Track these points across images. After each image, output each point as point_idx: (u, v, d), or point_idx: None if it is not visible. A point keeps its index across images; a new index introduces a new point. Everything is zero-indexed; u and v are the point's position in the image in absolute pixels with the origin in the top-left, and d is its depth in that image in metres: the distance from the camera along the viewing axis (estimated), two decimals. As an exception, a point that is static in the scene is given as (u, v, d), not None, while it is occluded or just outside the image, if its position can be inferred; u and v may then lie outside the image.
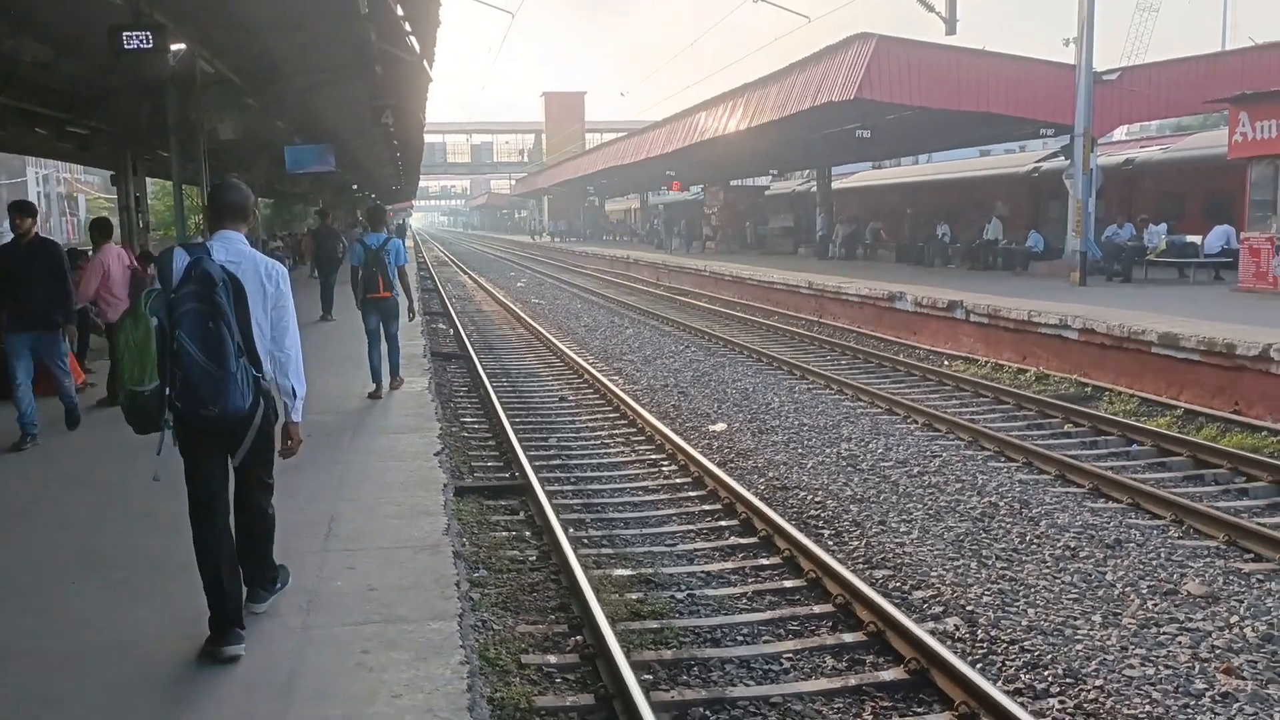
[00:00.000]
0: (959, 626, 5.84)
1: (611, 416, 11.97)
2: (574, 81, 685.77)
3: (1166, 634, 5.71)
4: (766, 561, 6.99)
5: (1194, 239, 21.55)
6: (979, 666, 5.27)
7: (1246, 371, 11.46)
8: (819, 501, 8.39)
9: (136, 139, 18.42)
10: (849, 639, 5.66)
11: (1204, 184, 24.26)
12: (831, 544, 7.35)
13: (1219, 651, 5.47)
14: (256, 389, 4.35)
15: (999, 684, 5.05)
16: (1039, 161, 29.23)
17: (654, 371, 15.29)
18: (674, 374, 15.00)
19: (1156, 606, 6.10)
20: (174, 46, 12.23)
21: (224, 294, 4.20)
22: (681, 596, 6.33)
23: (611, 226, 75.61)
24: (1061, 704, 4.93)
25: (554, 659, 5.38)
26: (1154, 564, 6.80)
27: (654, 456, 10.00)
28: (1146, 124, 36.51)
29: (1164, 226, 22.55)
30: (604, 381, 13.61)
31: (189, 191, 22.11)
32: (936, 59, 22.83)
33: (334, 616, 4.79)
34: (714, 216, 47.34)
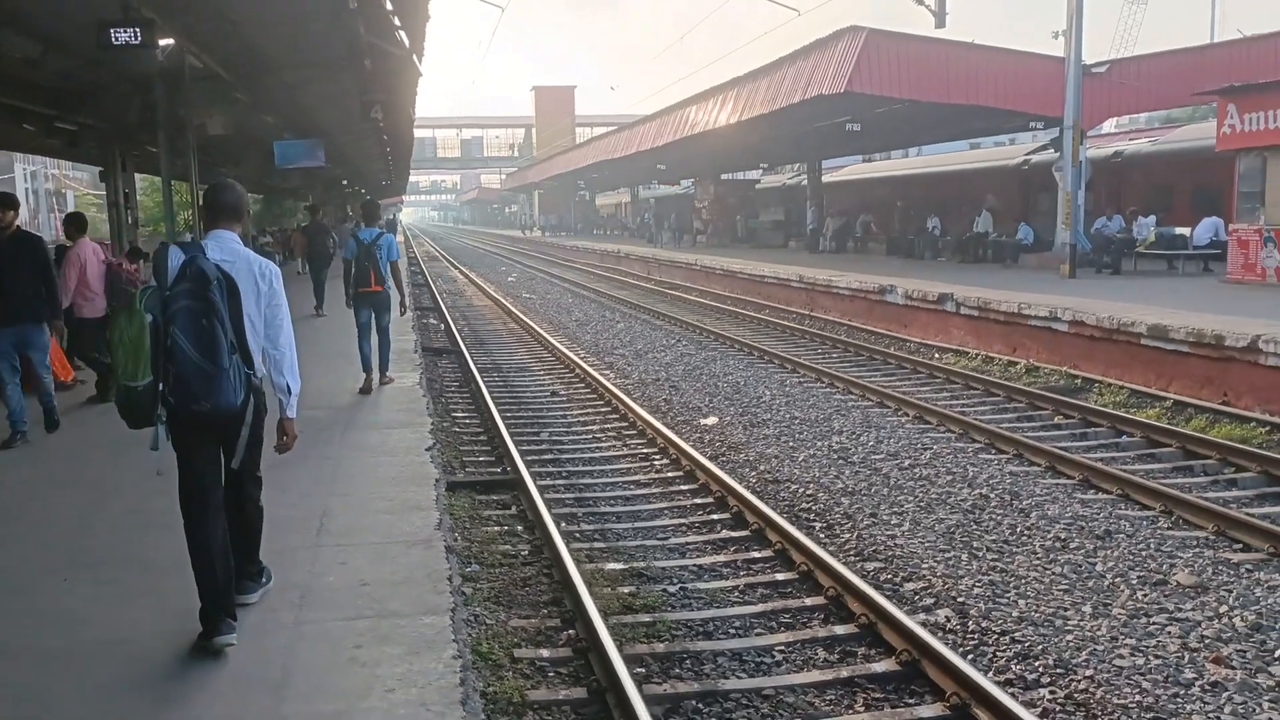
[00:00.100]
0: (950, 618, 5.86)
1: (603, 411, 11.98)
2: (564, 76, 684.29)
3: (1156, 624, 5.74)
4: (758, 554, 7.00)
5: (1183, 231, 21.64)
6: (970, 657, 5.30)
7: (1235, 362, 11.51)
8: (810, 494, 8.41)
9: (125, 135, 18.33)
10: (841, 631, 5.68)
11: (1193, 176, 24.32)
12: (823, 537, 7.37)
13: (1208, 641, 5.50)
14: (248, 385, 4.40)
15: (990, 675, 5.07)
16: (1028, 154, 29.30)
17: (645, 365, 15.30)
18: (665, 368, 15.01)
19: (1146, 597, 6.13)
20: (162, 42, 12.13)
21: (218, 292, 4.25)
22: (674, 590, 6.34)
23: (602, 221, 75.52)
24: (1052, 694, 4.95)
25: (547, 653, 5.39)
26: (1144, 554, 6.83)
27: (646, 450, 10.01)
28: (1135, 116, 36.64)
29: (1153, 219, 22.61)
30: (595, 376, 13.61)
31: (178, 187, 22.00)
32: (926, 52, 22.84)
33: (326, 612, 4.79)
34: (704, 210, 47.35)
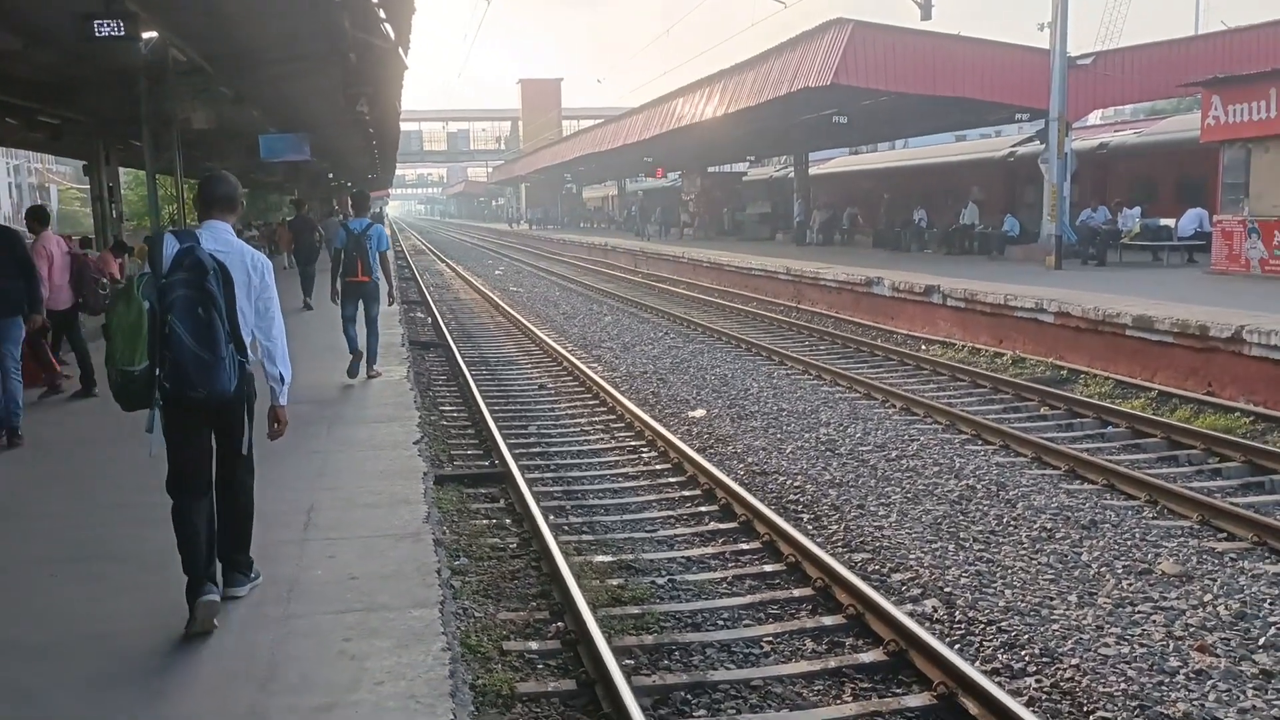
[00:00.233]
0: (937, 608, 5.89)
1: (591, 404, 11.98)
2: (551, 68, 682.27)
3: (1141, 613, 5.77)
4: (746, 546, 7.02)
5: (1167, 222, 21.73)
6: (957, 647, 5.32)
7: (1219, 353, 11.57)
8: (798, 486, 8.43)
9: (109, 129, 18.26)
10: (829, 622, 5.70)
11: (1177, 168, 24.43)
12: (811, 528, 7.39)
13: (1193, 629, 5.54)
14: (241, 372, 4.52)
15: (977, 664, 5.10)
16: (1014, 146, 29.36)
17: (633, 358, 15.30)
18: (653, 361, 15.01)
19: (1131, 586, 6.16)
20: (145, 35, 12.09)
21: (214, 282, 4.36)
22: (662, 582, 6.35)
23: (589, 214, 75.43)
24: (1038, 683, 4.98)
25: (535, 645, 5.39)
26: (1129, 544, 6.87)
27: (634, 443, 10.01)
28: (1121, 108, 36.73)
29: (1138, 210, 22.70)
30: (583, 369, 13.60)
31: (162, 181, 21.91)
32: (912, 44, 22.86)
33: (315, 605, 4.78)
34: (691, 203, 47.35)
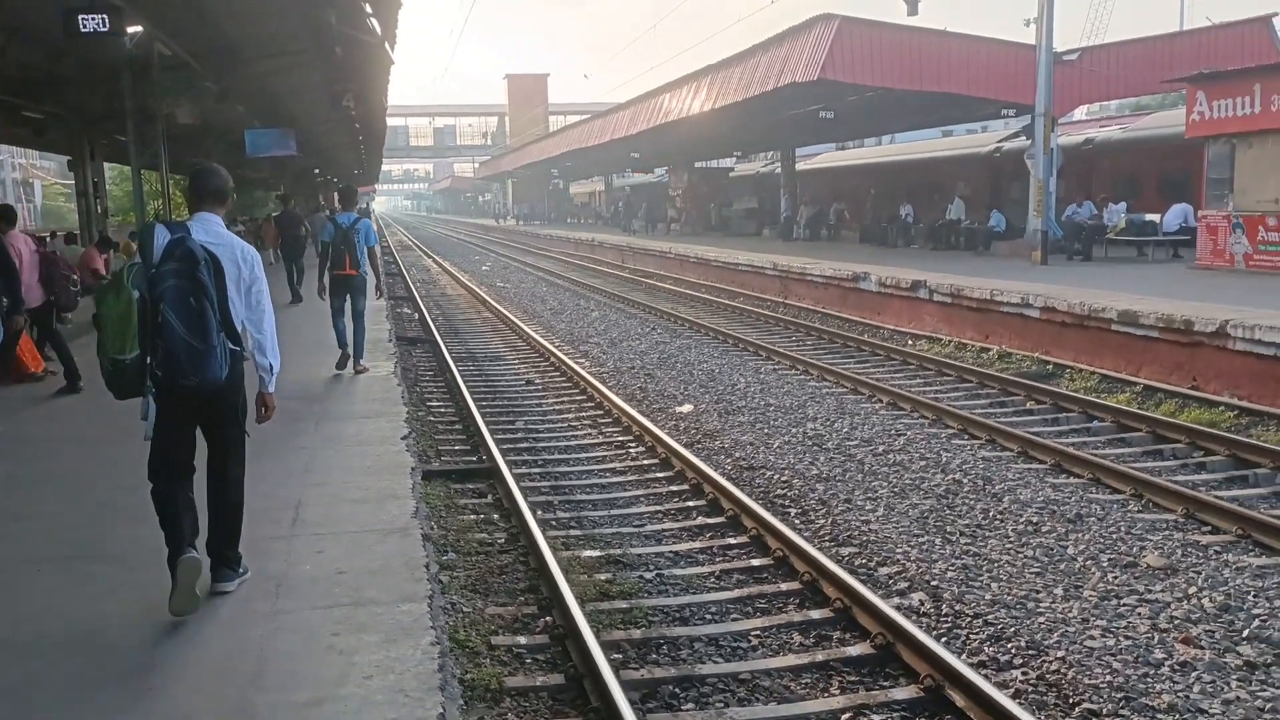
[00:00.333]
0: (924, 601, 5.91)
1: (578, 399, 11.98)
2: (537, 64, 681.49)
3: (1126, 605, 5.81)
4: (734, 541, 7.03)
5: (1152, 217, 21.82)
6: (944, 640, 5.35)
7: (1203, 347, 11.64)
8: (785, 481, 8.45)
9: (93, 124, 18.15)
10: (816, 615, 5.71)
11: (1162, 163, 24.55)
12: (798, 522, 7.40)
13: (1178, 622, 5.58)
14: (232, 360, 4.60)
15: (963, 657, 5.12)
16: (1000, 142, 29.42)
17: (620, 354, 15.30)
18: (640, 356, 15.02)
19: (1117, 579, 6.20)
20: (130, 29, 12.02)
21: (206, 272, 4.44)
22: (650, 576, 6.36)
23: (576, 209, 75.34)
24: (1025, 675, 5.01)
25: (524, 640, 5.39)
26: (1114, 537, 6.91)
27: (621, 438, 10.02)
28: (1106, 104, 36.85)
29: (1123, 205, 22.79)
30: (570, 364, 13.60)
31: (147, 176, 21.82)
32: (899, 40, 22.91)
33: (303, 601, 4.78)
34: (678, 199, 47.33)
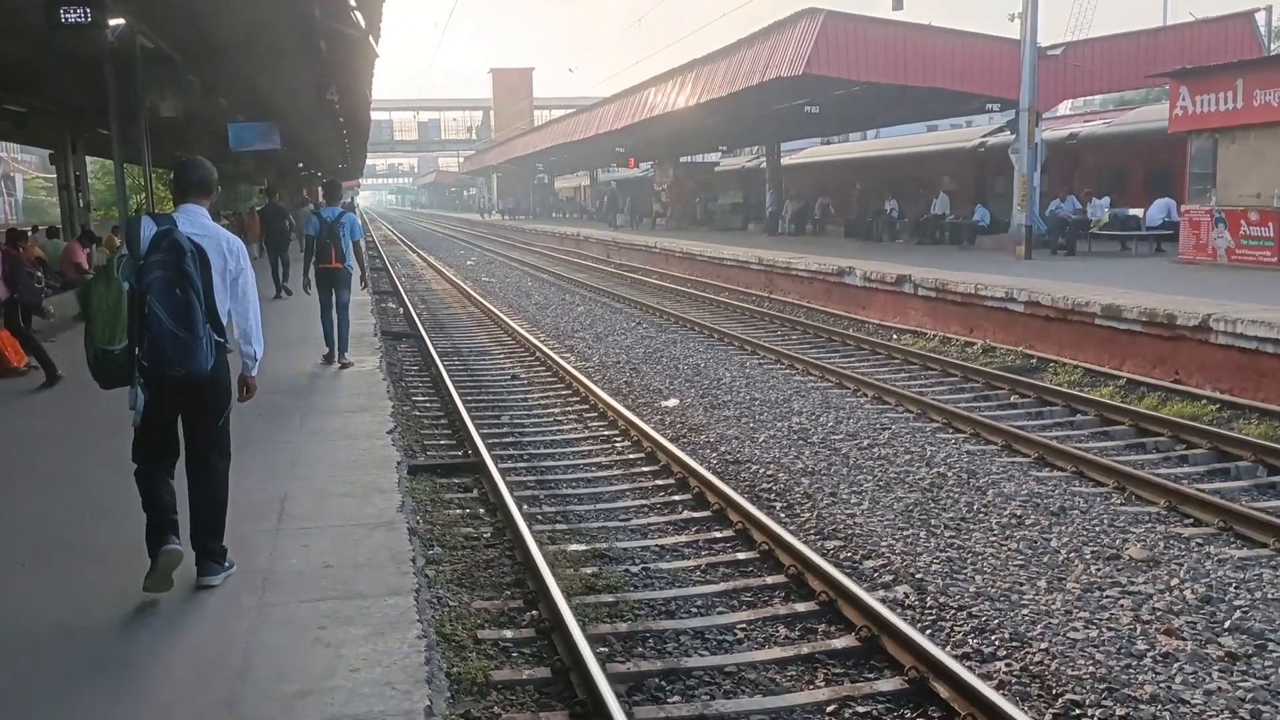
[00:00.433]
0: (909, 594, 5.94)
1: (564, 394, 11.98)
2: (522, 58, 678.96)
3: (1109, 597, 5.85)
4: (719, 534, 7.05)
5: (1136, 212, 21.94)
6: (928, 633, 5.38)
7: (1186, 341, 11.71)
8: (771, 475, 8.47)
9: (76, 117, 18.03)
10: (801, 608, 5.73)
11: (1146, 158, 24.66)
12: (783, 516, 7.42)
13: (1159, 613, 5.62)
14: (217, 351, 4.66)
15: (948, 649, 5.15)
16: (985, 136, 29.49)
17: (606, 348, 15.30)
18: (626, 350, 15.02)
19: (1100, 571, 6.24)
20: (112, 22, 11.95)
21: (192, 263, 4.49)
22: (636, 570, 6.37)
23: (561, 204, 75.22)
24: (1008, 667, 5.04)
25: (510, 634, 5.40)
26: (1097, 530, 6.96)
27: (607, 433, 10.03)
28: (1090, 98, 37.02)
29: (1107, 200, 22.90)
30: (556, 359, 13.59)
31: (130, 170, 21.67)
32: (884, 34, 22.94)
33: (290, 594, 4.78)
34: (664, 193, 47.28)
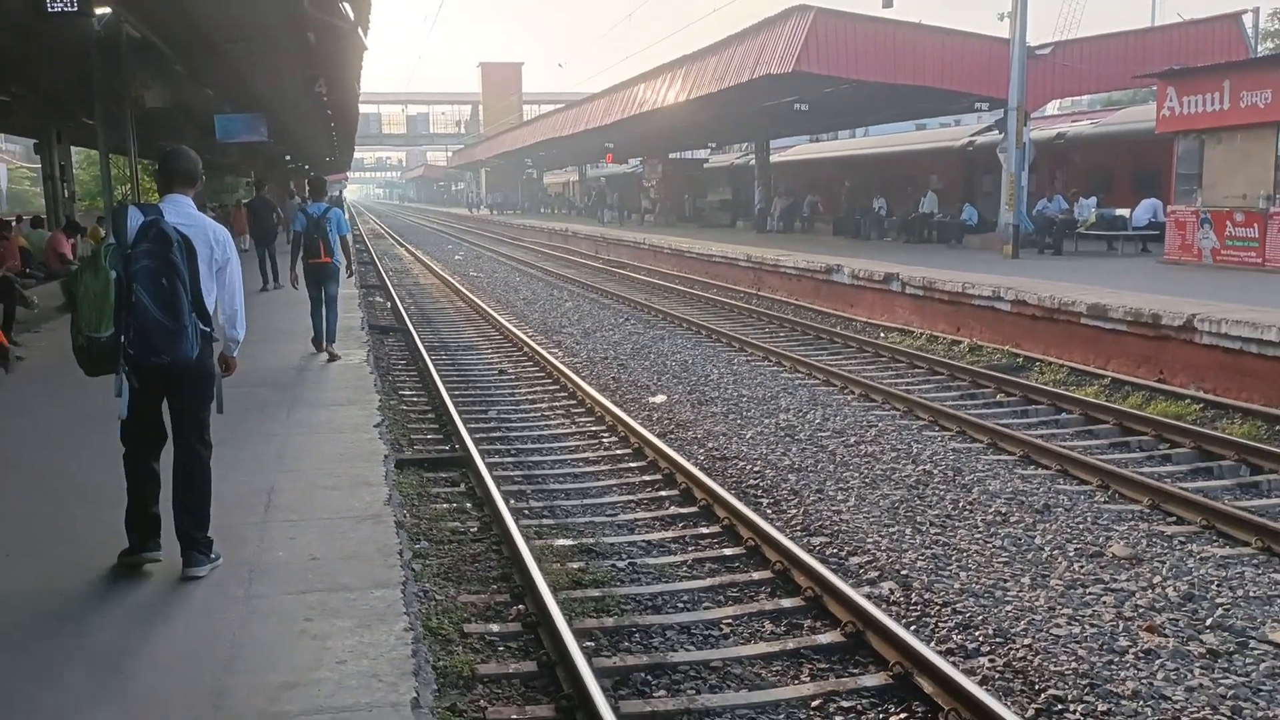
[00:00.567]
0: (894, 590, 5.97)
1: (551, 389, 11.97)
2: (512, 52, 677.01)
3: (1092, 594, 5.89)
4: (706, 530, 7.07)
5: (1122, 212, 22.04)
6: (913, 628, 5.40)
7: (1171, 341, 11.78)
8: (758, 471, 8.49)
9: (61, 106, 17.91)
10: (787, 604, 5.75)
11: (1133, 158, 24.74)
12: (770, 512, 7.44)
13: (1142, 610, 5.66)
14: (203, 340, 4.71)
15: (932, 645, 5.18)
16: (973, 135, 29.55)
17: (593, 344, 15.30)
18: (613, 346, 15.03)
19: (1083, 568, 6.28)
20: (99, 10, 11.89)
21: (179, 254, 4.54)
22: (623, 565, 6.39)
23: (550, 199, 75.12)
24: (992, 662, 5.07)
25: (496, 628, 5.40)
26: (1081, 528, 7.00)
27: (594, 428, 10.03)
28: (1078, 99, 37.15)
29: (1094, 200, 23.00)
30: (543, 354, 13.59)
31: (116, 160, 21.56)
32: (873, 32, 22.95)
33: (276, 586, 4.77)
34: (653, 189, 47.24)
